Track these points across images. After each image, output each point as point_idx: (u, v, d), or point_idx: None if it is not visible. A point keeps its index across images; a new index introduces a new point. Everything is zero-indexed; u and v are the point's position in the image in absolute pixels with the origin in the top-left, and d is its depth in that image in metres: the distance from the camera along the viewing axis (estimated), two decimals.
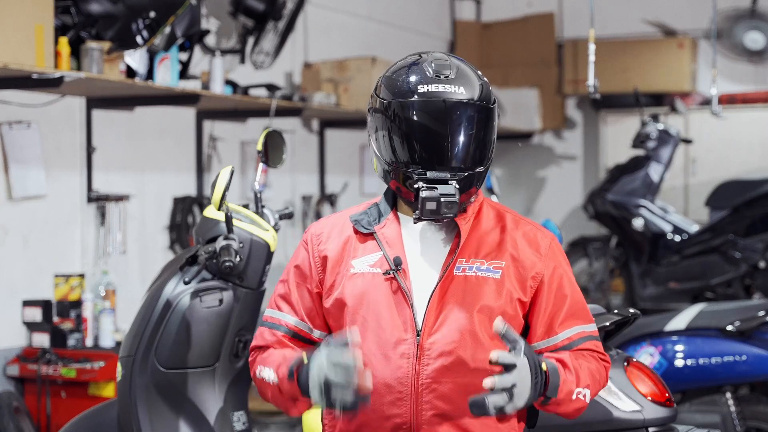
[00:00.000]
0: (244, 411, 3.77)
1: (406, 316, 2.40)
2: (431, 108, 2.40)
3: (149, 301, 3.68)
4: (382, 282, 2.42)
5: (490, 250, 2.46)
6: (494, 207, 2.56)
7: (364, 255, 2.47)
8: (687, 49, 8.50)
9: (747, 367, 4.59)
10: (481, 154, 2.47)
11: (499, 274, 2.43)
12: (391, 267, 2.42)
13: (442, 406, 2.38)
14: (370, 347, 2.40)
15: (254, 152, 6.43)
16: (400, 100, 2.42)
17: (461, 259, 2.44)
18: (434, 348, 2.38)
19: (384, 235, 2.47)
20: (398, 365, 2.38)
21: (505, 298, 2.42)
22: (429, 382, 2.37)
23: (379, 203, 2.55)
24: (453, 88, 2.43)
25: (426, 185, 2.38)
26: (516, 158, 9.47)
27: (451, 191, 2.38)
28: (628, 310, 3.52)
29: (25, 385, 5.15)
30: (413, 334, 2.39)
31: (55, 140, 5.40)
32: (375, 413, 2.38)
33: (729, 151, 8.50)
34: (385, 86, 2.47)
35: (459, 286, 2.42)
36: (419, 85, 2.42)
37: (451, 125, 2.41)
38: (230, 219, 3.60)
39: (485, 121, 2.46)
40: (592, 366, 2.44)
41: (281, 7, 6.33)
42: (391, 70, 2.51)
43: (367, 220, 2.51)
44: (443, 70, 2.45)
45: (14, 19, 4.50)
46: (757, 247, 7.12)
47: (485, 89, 2.48)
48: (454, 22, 9.30)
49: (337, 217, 2.58)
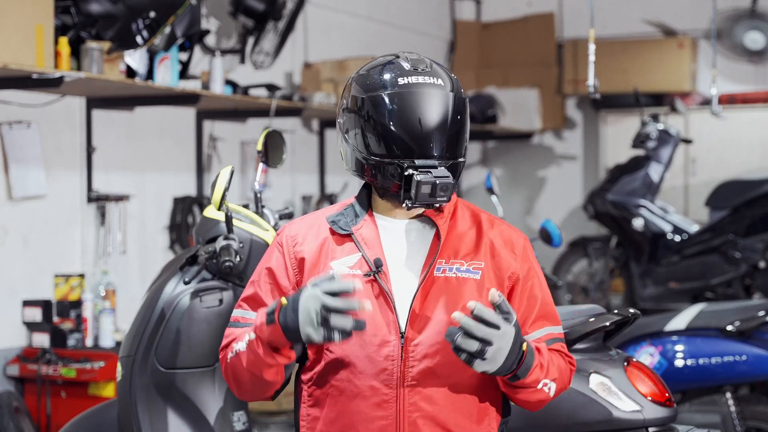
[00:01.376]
0: (244, 411, 3.77)
1: (389, 318, 2.39)
2: (416, 97, 2.41)
3: (149, 301, 3.68)
4: (363, 284, 2.40)
5: (468, 251, 2.46)
6: (468, 207, 2.55)
7: (342, 256, 2.45)
8: (687, 49, 8.50)
9: (747, 367, 4.60)
10: (461, 144, 2.47)
11: (479, 275, 2.43)
12: (372, 269, 2.41)
13: (427, 407, 2.38)
14: (353, 349, 2.39)
15: (254, 152, 6.43)
16: (380, 93, 2.41)
17: (441, 260, 2.43)
18: (418, 350, 2.38)
19: (362, 236, 2.46)
20: (383, 367, 2.37)
21: (485, 298, 2.41)
22: (414, 384, 2.37)
23: (354, 204, 2.53)
24: (432, 79, 2.44)
25: (419, 170, 2.38)
26: (516, 158, 9.47)
27: (445, 174, 2.39)
28: (628, 310, 3.52)
29: (25, 385, 5.15)
30: (397, 336, 2.38)
31: (55, 140, 5.40)
32: (359, 415, 2.37)
33: (729, 151, 8.50)
34: (359, 84, 2.47)
35: (440, 287, 2.41)
36: (399, 77, 2.43)
37: (437, 113, 2.42)
38: (230, 219, 3.60)
39: (463, 113, 2.47)
40: (561, 364, 2.46)
41: (281, 7, 6.33)
42: (363, 70, 2.51)
43: (343, 221, 2.49)
44: (419, 64, 2.46)
45: (14, 19, 4.50)
46: (757, 247, 7.12)
47: (457, 84, 2.49)
48: (454, 22, 9.30)
49: (312, 218, 2.56)
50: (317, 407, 2.44)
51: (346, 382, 2.38)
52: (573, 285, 7.90)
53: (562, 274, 7.86)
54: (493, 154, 9.54)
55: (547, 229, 4.64)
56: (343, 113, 2.50)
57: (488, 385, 2.44)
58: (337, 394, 2.40)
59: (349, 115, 2.47)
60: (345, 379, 2.38)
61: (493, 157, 9.53)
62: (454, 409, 2.39)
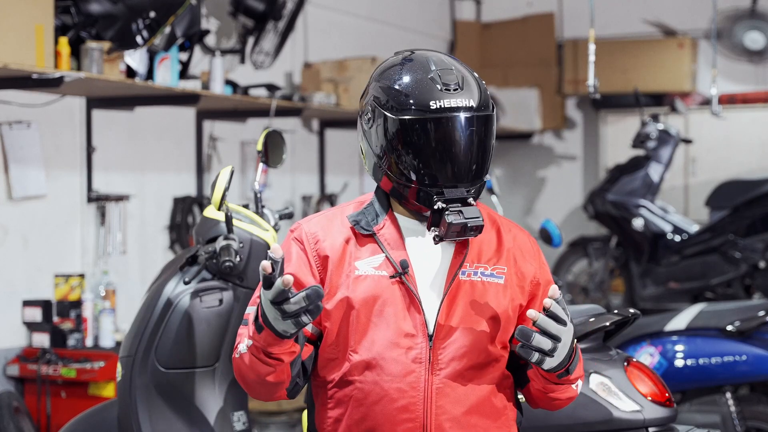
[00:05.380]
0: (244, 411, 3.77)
1: (417, 321, 2.37)
2: (446, 126, 2.36)
3: (149, 301, 3.68)
4: (389, 285, 2.38)
5: (491, 255, 2.45)
6: (484, 209, 2.52)
7: (366, 257, 2.42)
8: (687, 49, 8.50)
9: (747, 367, 4.59)
10: (487, 162, 2.47)
11: (503, 280, 2.43)
12: (398, 270, 2.39)
13: (452, 410, 2.36)
14: (380, 351, 2.37)
15: (254, 152, 6.43)
16: (409, 116, 2.35)
17: (465, 264, 2.42)
18: (446, 353, 2.37)
19: (384, 236, 2.43)
20: (410, 370, 2.36)
21: (510, 303, 2.42)
22: (442, 387, 2.36)
23: (374, 202, 2.49)
24: (464, 100, 2.37)
25: (449, 207, 2.34)
26: (516, 158, 9.47)
27: (476, 214, 2.34)
28: (628, 310, 3.52)
29: (25, 385, 5.15)
30: (425, 339, 2.37)
31: (55, 140, 5.40)
32: (385, 417, 2.35)
33: (729, 151, 8.50)
34: (386, 94, 2.40)
35: (467, 291, 2.40)
36: (431, 100, 2.35)
37: (467, 140, 2.38)
38: (230, 219, 3.60)
39: (490, 129, 2.44)
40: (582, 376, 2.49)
41: (281, 7, 6.33)
42: (388, 75, 2.44)
43: (365, 220, 2.45)
44: (450, 80, 2.38)
45: (14, 19, 4.50)
46: (757, 247, 7.12)
47: (484, 92, 2.43)
48: (454, 22, 9.30)
49: (328, 216, 2.50)
50: (339, 408, 2.40)
51: (371, 384, 2.36)
52: (573, 285, 7.89)
53: (562, 274, 7.86)
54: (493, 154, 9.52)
55: (547, 229, 4.64)
56: (365, 119, 2.45)
57: (505, 386, 2.45)
58: (361, 396, 2.37)
59: (371, 125, 2.42)
60: (371, 381, 2.36)
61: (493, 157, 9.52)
62: (478, 411, 2.39)
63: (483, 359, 2.39)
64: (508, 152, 9.43)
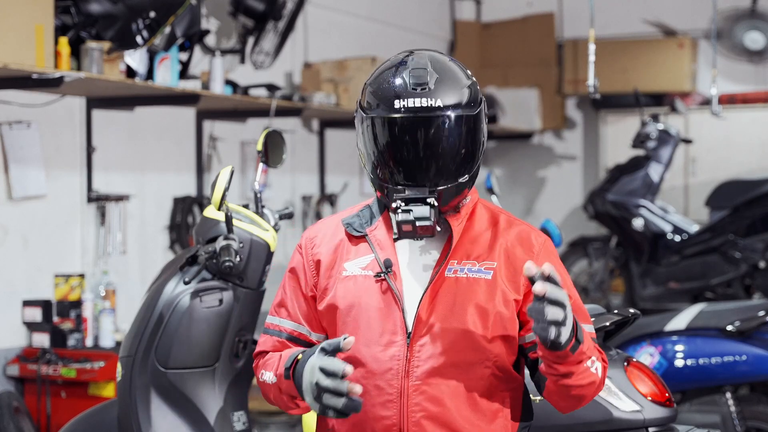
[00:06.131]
0: (244, 411, 3.77)
1: (396, 318, 2.39)
2: (405, 126, 2.35)
3: (149, 301, 3.68)
4: (372, 284, 2.41)
5: (482, 252, 2.44)
6: (489, 208, 2.52)
7: (356, 257, 2.45)
8: (687, 49, 8.50)
9: (747, 367, 4.59)
10: (465, 162, 2.40)
11: (491, 275, 2.41)
12: (382, 269, 2.41)
13: (431, 408, 2.37)
14: (360, 349, 2.39)
15: (254, 152, 6.43)
16: (376, 115, 2.38)
17: (453, 261, 2.42)
18: (424, 350, 2.38)
19: (375, 237, 2.46)
20: (388, 367, 2.38)
21: (498, 299, 2.40)
22: (418, 384, 2.37)
23: (372, 205, 2.54)
24: (429, 101, 2.35)
25: (402, 207, 2.35)
26: (516, 158, 9.47)
27: (425, 214, 2.34)
28: (628, 310, 3.52)
29: (25, 385, 5.15)
30: (403, 337, 2.38)
31: (55, 140, 5.40)
32: (365, 414, 2.38)
33: (729, 151, 8.50)
34: (370, 92, 2.43)
35: (450, 288, 2.40)
36: (396, 98, 2.36)
37: (426, 143, 2.36)
38: (230, 219, 3.60)
39: (468, 129, 2.39)
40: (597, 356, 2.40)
41: (281, 7, 6.33)
42: (378, 72, 2.46)
43: (359, 222, 2.49)
44: (421, 80, 2.37)
45: (14, 19, 4.50)
46: (757, 247, 7.12)
47: (471, 92, 2.41)
48: (454, 22, 9.30)
49: (331, 220, 2.57)
50: None
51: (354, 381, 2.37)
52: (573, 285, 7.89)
53: None
54: (493, 154, 9.54)
55: (547, 229, 4.64)
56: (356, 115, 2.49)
57: (500, 385, 2.43)
58: None
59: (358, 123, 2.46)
60: (354, 379, 2.37)
61: (493, 157, 9.53)
62: (462, 409, 2.38)
63: (467, 357, 2.38)
64: (508, 152, 9.43)
